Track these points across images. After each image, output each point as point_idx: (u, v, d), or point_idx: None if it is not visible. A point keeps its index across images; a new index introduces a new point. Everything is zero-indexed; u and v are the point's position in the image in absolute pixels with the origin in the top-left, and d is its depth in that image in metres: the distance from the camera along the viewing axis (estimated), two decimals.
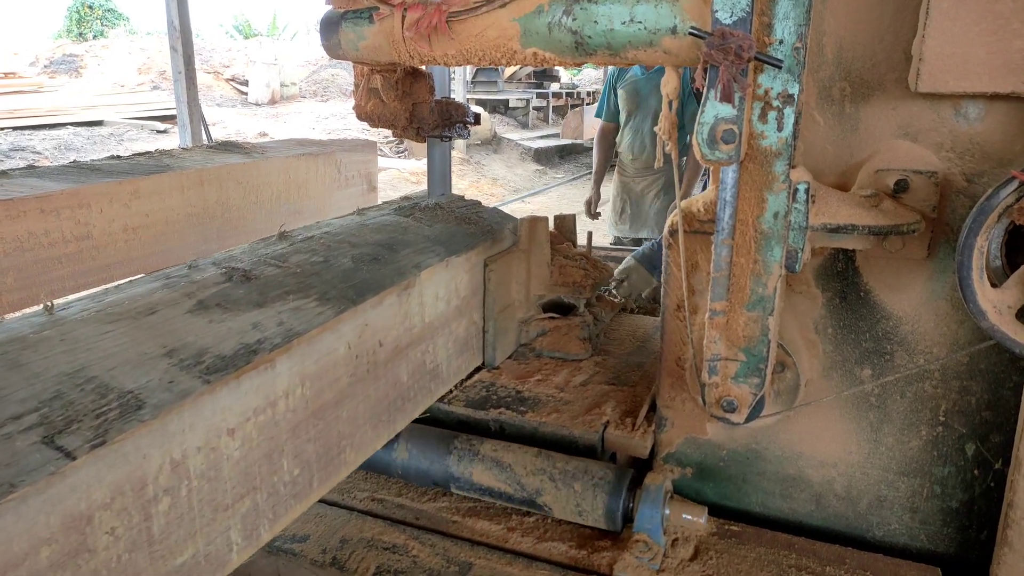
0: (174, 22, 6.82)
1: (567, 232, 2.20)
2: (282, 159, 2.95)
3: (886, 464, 1.30)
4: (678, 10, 1.05)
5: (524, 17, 1.19)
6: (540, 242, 1.88)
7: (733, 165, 1.05)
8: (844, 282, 1.25)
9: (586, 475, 1.31)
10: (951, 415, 1.24)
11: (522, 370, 1.76)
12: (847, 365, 1.28)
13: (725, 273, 1.12)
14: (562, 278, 1.95)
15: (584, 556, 1.30)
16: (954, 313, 1.20)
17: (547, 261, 1.94)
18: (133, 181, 2.29)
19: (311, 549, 1.32)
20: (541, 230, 1.87)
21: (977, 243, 0.96)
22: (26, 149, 10.97)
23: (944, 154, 1.14)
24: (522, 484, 1.35)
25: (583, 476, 1.31)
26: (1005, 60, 1.02)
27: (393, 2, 1.33)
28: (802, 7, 0.98)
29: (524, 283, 1.83)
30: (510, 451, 1.38)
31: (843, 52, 1.16)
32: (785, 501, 1.38)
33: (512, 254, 1.72)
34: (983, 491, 1.25)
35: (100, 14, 24.57)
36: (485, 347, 1.73)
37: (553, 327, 1.86)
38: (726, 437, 1.39)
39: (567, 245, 2.10)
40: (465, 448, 1.41)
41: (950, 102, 1.12)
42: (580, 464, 1.33)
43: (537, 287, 1.90)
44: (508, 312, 1.77)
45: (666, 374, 1.39)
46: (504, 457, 1.37)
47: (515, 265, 1.76)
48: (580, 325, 1.85)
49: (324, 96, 17.97)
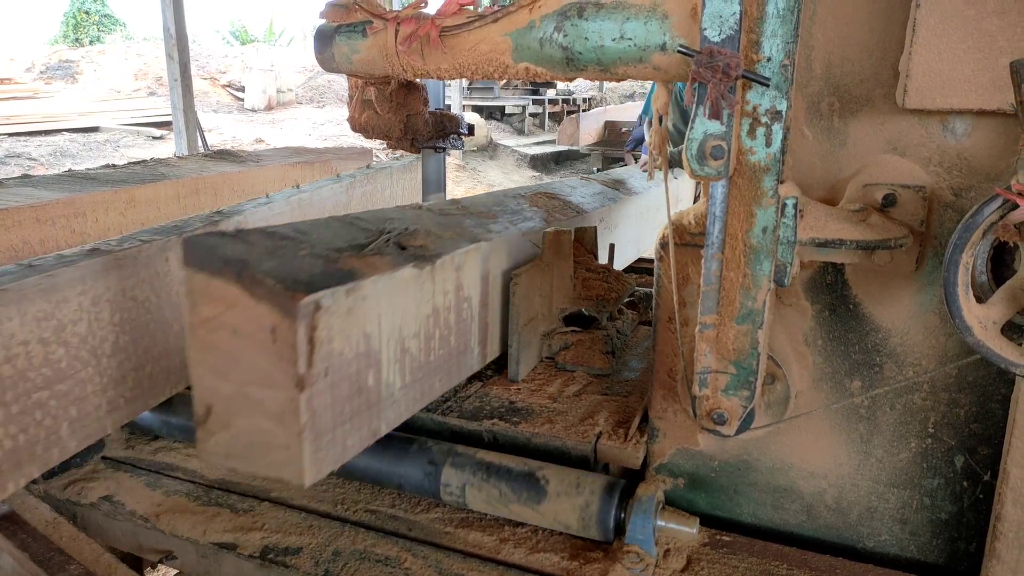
0: (170, 29, 6.83)
1: (588, 244, 2.17)
2: (277, 167, 2.96)
3: (876, 475, 1.31)
4: (667, 27, 1.06)
5: (516, 32, 1.20)
6: (564, 254, 1.86)
7: (722, 180, 1.06)
8: (833, 295, 1.26)
9: (572, 512, 1.32)
10: (940, 427, 1.25)
11: (516, 381, 1.76)
12: (837, 377, 1.29)
13: (715, 287, 1.13)
14: (585, 291, 1.93)
15: (576, 567, 1.31)
16: (943, 326, 1.21)
17: (570, 274, 1.92)
18: (129, 190, 2.29)
19: (303, 562, 1.33)
20: (564, 242, 1.86)
21: (963, 259, 0.97)
22: (21, 155, 10.96)
23: (932, 169, 1.15)
24: (513, 511, 1.36)
25: (572, 499, 1.32)
26: (992, 77, 1.03)
27: (386, 16, 1.34)
28: (790, 25, 1.00)
29: (547, 296, 1.82)
30: (495, 486, 1.38)
31: (832, 68, 1.17)
32: (776, 512, 1.39)
33: (536, 267, 1.71)
34: (972, 503, 1.26)
35: (96, 20, 24.59)
36: (509, 361, 1.73)
37: (576, 340, 1.85)
38: (717, 448, 1.40)
39: (589, 258, 2.09)
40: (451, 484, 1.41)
41: (938, 118, 1.13)
42: (566, 500, 1.33)
43: (560, 300, 1.88)
44: (532, 326, 1.76)
45: (658, 385, 1.39)
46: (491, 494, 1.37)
47: (539, 278, 1.74)
48: (603, 339, 1.84)
49: (320, 102, 18.00)
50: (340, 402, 1.03)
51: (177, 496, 1.52)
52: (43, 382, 1.22)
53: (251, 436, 0.97)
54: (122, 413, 1.39)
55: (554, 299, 1.86)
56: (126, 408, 1.39)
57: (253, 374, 0.94)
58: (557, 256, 1.83)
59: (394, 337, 1.18)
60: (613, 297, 1.93)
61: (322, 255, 1.09)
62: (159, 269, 1.45)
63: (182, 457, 1.66)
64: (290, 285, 0.92)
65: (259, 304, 0.91)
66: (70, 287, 1.26)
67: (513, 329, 1.66)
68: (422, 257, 1.26)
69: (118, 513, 1.48)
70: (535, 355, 1.83)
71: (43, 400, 1.22)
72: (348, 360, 1.04)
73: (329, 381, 0.99)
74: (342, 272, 1.04)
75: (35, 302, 1.20)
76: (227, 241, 0.99)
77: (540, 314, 1.80)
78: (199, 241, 0.96)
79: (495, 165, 14.15)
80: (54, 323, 1.23)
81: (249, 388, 0.94)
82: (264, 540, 1.38)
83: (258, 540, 1.38)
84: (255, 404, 0.95)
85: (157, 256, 1.44)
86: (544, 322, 1.84)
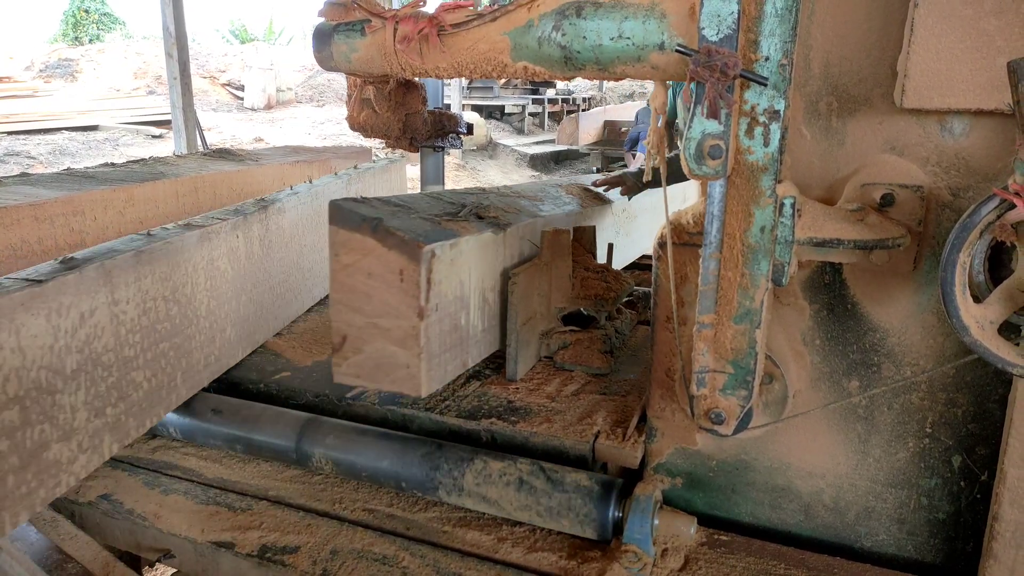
0: (169, 28, 6.83)
1: (587, 243, 2.18)
2: (276, 166, 2.96)
3: (874, 475, 1.31)
4: (665, 27, 1.06)
5: (514, 31, 1.20)
6: (562, 254, 1.88)
7: (720, 180, 1.06)
8: (831, 294, 1.26)
9: (572, 497, 1.32)
10: (938, 427, 1.25)
11: (514, 380, 1.76)
12: (835, 377, 1.29)
13: (713, 286, 1.13)
14: (584, 291, 1.94)
15: (574, 567, 1.31)
16: (940, 326, 1.21)
17: (569, 273, 1.93)
18: (128, 188, 2.29)
19: (301, 560, 1.33)
20: (563, 242, 1.87)
21: (960, 259, 0.97)
22: (21, 154, 10.95)
23: (930, 168, 1.15)
24: (511, 513, 1.36)
25: (569, 499, 1.32)
26: (989, 77, 1.03)
27: (385, 15, 1.34)
28: (788, 24, 0.99)
29: (546, 295, 1.83)
30: (493, 485, 1.38)
31: (830, 67, 1.17)
32: (774, 511, 1.39)
33: (535, 266, 1.71)
34: (969, 503, 1.26)
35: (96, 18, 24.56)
36: (507, 360, 1.73)
37: (575, 340, 1.85)
38: (715, 448, 1.40)
39: (588, 257, 2.09)
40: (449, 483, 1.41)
41: (935, 117, 1.13)
42: (567, 485, 1.34)
43: (558, 299, 1.89)
44: (530, 325, 1.77)
45: (656, 385, 1.39)
46: (489, 493, 1.38)
47: (537, 277, 1.75)
48: (602, 338, 1.85)
49: (320, 101, 17.98)
50: (443, 335, 1.34)
51: (175, 495, 1.52)
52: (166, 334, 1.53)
53: (378, 359, 1.27)
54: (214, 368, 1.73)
55: (552, 298, 1.86)
56: (215, 364, 1.74)
57: (383, 308, 1.25)
58: (556, 255, 1.83)
59: (478, 288, 1.50)
60: (612, 296, 1.93)
61: (427, 219, 1.41)
62: (232, 244, 1.82)
63: (180, 456, 1.66)
64: (414, 237, 1.24)
65: (390, 252, 1.23)
66: (180, 253, 1.58)
67: (511, 328, 1.66)
68: (497, 225, 1.59)
69: (116, 512, 1.48)
70: (533, 354, 1.83)
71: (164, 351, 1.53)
72: (449, 301, 1.35)
73: (437, 316, 1.30)
74: (446, 231, 1.37)
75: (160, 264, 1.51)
76: (361, 205, 1.30)
77: (539, 313, 1.80)
78: (342, 204, 1.27)
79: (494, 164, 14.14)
80: (171, 283, 1.55)
81: (379, 319, 1.26)
82: (262, 539, 1.38)
83: (256, 539, 1.38)
84: (383, 332, 1.26)
85: (230, 232, 1.81)
86: (543, 321, 1.84)
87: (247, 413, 1.61)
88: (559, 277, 1.88)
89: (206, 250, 1.67)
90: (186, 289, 1.58)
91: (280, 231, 2.06)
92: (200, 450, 1.67)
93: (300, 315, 2.24)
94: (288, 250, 2.11)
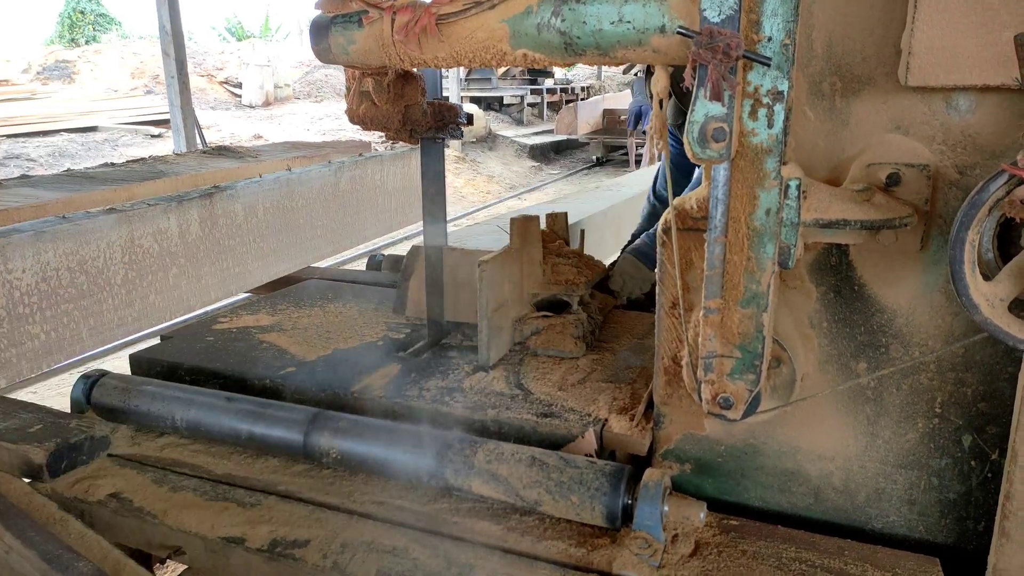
0: (166, 27, 6.81)
1: (560, 230, 2.21)
2: (275, 162, 2.96)
3: (883, 457, 1.30)
4: (666, 9, 1.05)
5: (513, 18, 1.18)
6: (532, 241, 1.90)
7: (724, 163, 1.05)
8: (838, 276, 1.25)
9: (581, 485, 1.31)
10: (947, 407, 1.24)
11: (518, 369, 1.76)
12: (843, 359, 1.29)
13: (719, 271, 1.13)
14: (555, 276, 1.96)
15: (584, 554, 1.31)
16: (948, 305, 1.20)
17: (540, 260, 1.95)
18: (128, 187, 2.30)
19: (312, 554, 1.33)
20: (533, 229, 1.89)
21: (969, 236, 0.96)
22: (20, 157, 10.95)
23: (936, 147, 1.14)
24: (520, 496, 1.35)
25: (579, 487, 1.31)
26: (995, 52, 1.02)
27: (382, 5, 1.33)
28: (790, 3, 0.98)
29: (517, 282, 1.84)
30: (504, 463, 1.38)
31: (833, 47, 1.16)
32: (784, 495, 1.39)
33: (505, 253, 1.72)
34: (980, 482, 1.26)
35: (92, 19, 24.50)
36: (480, 347, 1.74)
37: (547, 325, 1.86)
38: (724, 433, 1.39)
39: (560, 243, 2.11)
40: (459, 462, 1.40)
41: (941, 95, 1.12)
42: (575, 473, 1.33)
43: (530, 285, 1.91)
44: (502, 311, 1.78)
45: (662, 371, 1.39)
46: (499, 470, 1.37)
47: (508, 264, 1.77)
48: (574, 323, 1.86)
49: (318, 97, 17.94)
50: None
51: (184, 492, 1.52)
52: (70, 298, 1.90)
53: None
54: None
55: (524, 285, 1.88)
56: (133, 324, 2.06)
57: None
58: (525, 242, 1.86)
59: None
60: (582, 281, 1.94)
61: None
62: (161, 225, 2.11)
63: (188, 453, 1.66)
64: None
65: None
66: (89, 233, 1.92)
67: (482, 315, 1.66)
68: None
69: (126, 510, 1.48)
70: (507, 341, 1.85)
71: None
72: None
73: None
74: None
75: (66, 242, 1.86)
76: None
77: (510, 300, 1.81)
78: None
79: (495, 156, 14.11)
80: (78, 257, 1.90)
81: None
82: (272, 533, 1.38)
83: (266, 533, 1.38)
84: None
85: (160, 216, 2.09)
86: (515, 308, 1.86)
87: (254, 408, 1.61)
88: (530, 264, 1.90)
89: (125, 230, 1.99)
90: (97, 262, 1.92)
91: (231, 215, 2.34)
92: (208, 446, 1.67)
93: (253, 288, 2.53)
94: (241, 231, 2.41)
